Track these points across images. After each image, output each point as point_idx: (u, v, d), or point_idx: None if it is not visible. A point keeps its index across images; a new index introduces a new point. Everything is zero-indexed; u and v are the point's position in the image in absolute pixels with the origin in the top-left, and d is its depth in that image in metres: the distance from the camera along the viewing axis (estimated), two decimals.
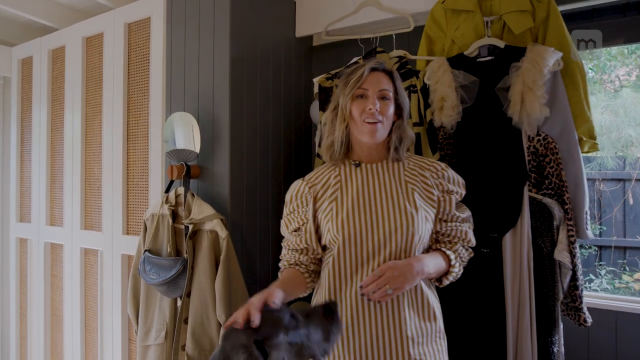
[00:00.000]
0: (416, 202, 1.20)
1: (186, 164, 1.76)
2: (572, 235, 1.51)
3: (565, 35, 1.57)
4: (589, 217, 1.55)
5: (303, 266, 1.27)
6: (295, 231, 1.29)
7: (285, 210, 1.32)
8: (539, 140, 1.56)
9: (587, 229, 1.54)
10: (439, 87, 1.66)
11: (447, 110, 1.63)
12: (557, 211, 1.54)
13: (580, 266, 1.53)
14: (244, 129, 1.85)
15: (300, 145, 2.23)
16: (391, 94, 1.24)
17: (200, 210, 1.67)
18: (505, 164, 1.57)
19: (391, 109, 1.24)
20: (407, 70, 1.78)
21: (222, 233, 1.62)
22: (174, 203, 1.78)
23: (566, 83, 1.56)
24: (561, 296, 1.54)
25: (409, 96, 1.72)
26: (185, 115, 1.79)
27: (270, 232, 2.00)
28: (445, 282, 1.26)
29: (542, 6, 1.58)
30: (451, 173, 1.28)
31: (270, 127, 2.01)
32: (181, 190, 1.77)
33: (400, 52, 1.83)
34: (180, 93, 1.91)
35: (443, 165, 1.28)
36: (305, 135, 2.26)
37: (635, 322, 1.70)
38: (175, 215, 1.77)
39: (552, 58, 1.51)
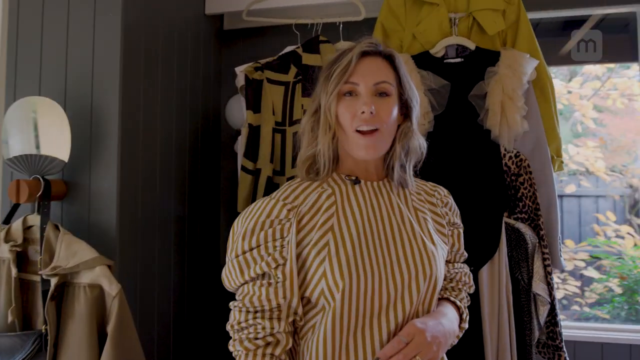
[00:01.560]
0: (432, 236, 0.92)
1: (44, 179, 1.12)
2: (549, 265, 1.35)
3: (535, 41, 1.42)
4: (561, 244, 1.41)
5: (279, 346, 0.82)
6: (259, 279, 0.86)
7: (241, 246, 0.87)
8: (510, 158, 1.37)
9: (561, 256, 1.40)
10: None
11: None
12: (530, 237, 1.36)
13: (557, 299, 1.37)
14: (139, 129, 1.28)
15: (208, 156, 1.71)
16: (393, 88, 0.89)
17: (71, 252, 1.05)
18: (483, 185, 1.34)
19: (394, 109, 0.89)
20: None
21: (112, 288, 1.04)
22: (20, 241, 1.11)
23: (537, 95, 1.40)
24: (537, 334, 1.36)
25: None
26: (44, 104, 1.15)
27: (185, 283, 1.44)
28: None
29: (512, 8, 1.42)
30: (453, 201, 1.02)
31: (173, 129, 1.46)
32: (35, 219, 1.12)
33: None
34: (34, 72, 1.25)
35: (446, 191, 1.02)
36: (213, 141, 1.75)
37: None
38: (23, 261, 1.11)
39: (530, 66, 1.34)
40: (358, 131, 0.86)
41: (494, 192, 1.32)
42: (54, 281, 1.03)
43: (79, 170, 1.20)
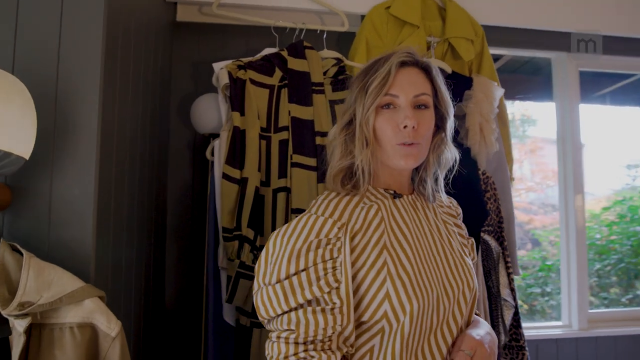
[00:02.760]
0: (464, 250, 0.94)
1: None
2: (512, 272, 1.49)
3: (495, 72, 1.59)
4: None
5: None
6: (309, 305, 0.77)
7: (286, 268, 0.78)
8: (482, 175, 1.48)
9: (517, 264, 1.55)
10: None
11: None
12: (494, 247, 1.49)
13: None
14: (115, 122, 1.02)
15: (165, 161, 1.45)
16: (431, 100, 0.86)
17: (44, 282, 0.76)
18: (466, 199, 1.41)
19: (431, 122, 0.87)
20: (347, 77, 1.42)
21: (110, 327, 0.78)
22: None
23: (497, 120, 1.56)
24: (503, 337, 1.47)
25: None
26: None
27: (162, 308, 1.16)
28: None
29: (478, 40, 1.57)
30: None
31: (138, 126, 1.20)
32: None
33: (336, 54, 1.44)
34: None
35: (455, 201, 1.03)
36: (165, 145, 1.49)
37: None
38: None
39: (499, 93, 1.49)
40: (399, 145, 0.82)
41: (476, 206, 1.41)
42: (21, 324, 0.72)
43: (31, 172, 0.89)
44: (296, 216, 1.26)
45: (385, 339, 0.78)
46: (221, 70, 1.29)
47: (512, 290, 1.48)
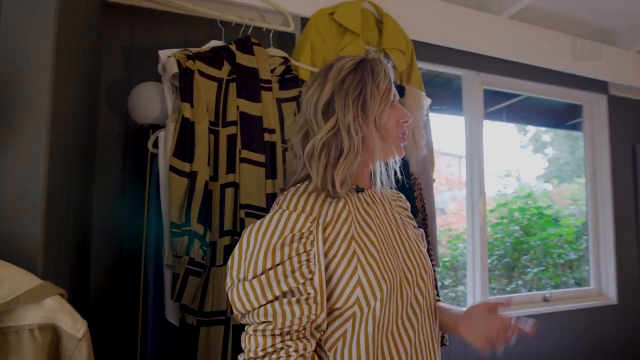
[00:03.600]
0: (417, 238, 1.03)
1: None
2: (434, 265, 1.65)
3: (422, 81, 1.75)
4: None
5: None
6: (285, 296, 0.80)
7: (263, 263, 0.80)
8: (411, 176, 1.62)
9: (438, 258, 1.72)
10: None
11: None
12: None
13: None
14: (61, 94, 0.92)
15: (92, 152, 1.32)
16: None
17: None
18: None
19: None
20: (294, 77, 1.45)
21: (76, 327, 0.71)
22: None
23: None
24: None
25: (299, 109, 1.40)
26: None
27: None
28: None
29: (409, 52, 1.71)
30: None
31: (77, 110, 1.09)
32: None
33: (283, 53, 1.47)
34: None
35: (404, 196, 1.13)
36: (91, 134, 1.36)
37: None
38: None
39: (427, 102, 1.64)
40: (400, 137, 0.95)
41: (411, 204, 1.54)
42: None
43: None
44: (245, 212, 1.27)
45: (357, 324, 0.83)
46: (169, 58, 1.23)
47: (435, 280, 1.63)
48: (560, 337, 2.22)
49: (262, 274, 0.79)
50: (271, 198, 1.32)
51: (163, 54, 1.25)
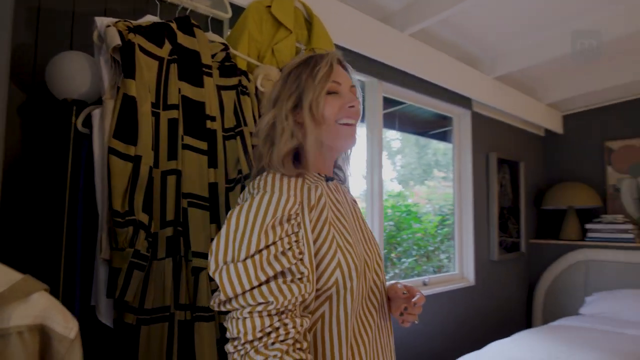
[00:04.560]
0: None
1: None
2: None
3: None
4: None
5: (305, 343, 0.83)
6: (278, 277, 0.82)
7: (256, 244, 0.81)
8: None
9: None
10: None
11: None
12: None
13: None
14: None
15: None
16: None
17: None
18: None
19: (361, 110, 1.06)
20: (234, 65, 1.42)
21: (68, 327, 0.62)
22: None
23: None
24: None
25: (239, 98, 1.39)
26: None
27: None
28: None
29: None
30: None
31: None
32: None
33: (222, 40, 1.42)
34: None
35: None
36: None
37: None
38: None
39: None
40: (344, 123, 0.95)
41: None
42: None
43: None
44: (188, 202, 1.22)
45: (335, 305, 0.88)
46: (109, 28, 1.10)
47: None
48: (436, 314, 2.58)
49: (255, 254, 0.80)
50: (213, 188, 1.27)
51: (101, 22, 1.11)
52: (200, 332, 1.17)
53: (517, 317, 3.36)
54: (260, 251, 0.80)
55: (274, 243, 0.82)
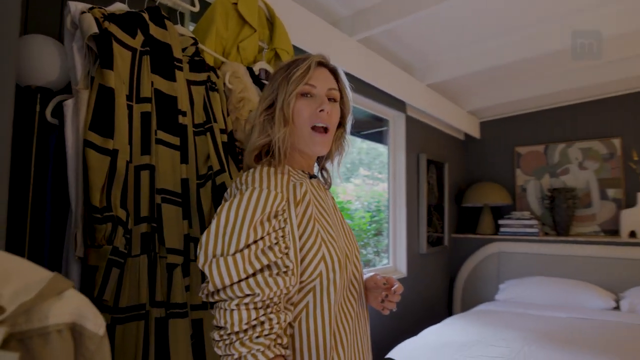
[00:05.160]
0: None
1: None
2: None
3: None
4: None
5: (285, 337, 0.89)
6: (265, 270, 0.86)
7: (246, 238, 0.86)
8: None
9: None
10: (247, 97, 1.48)
11: None
12: None
13: None
14: None
15: None
16: (339, 96, 1.07)
17: (1, 271, 0.53)
18: None
19: (338, 114, 1.09)
20: (203, 60, 1.42)
21: (97, 324, 0.61)
22: None
23: None
24: None
25: (208, 94, 1.40)
26: None
27: None
28: None
29: (290, 55, 1.85)
30: None
31: None
32: None
33: (191, 34, 1.41)
34: None
35: None
36: None
37: None
38: None
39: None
40: (313, 128, 1.00)
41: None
42: None
43: None
44: (162, 198, 1.21)
45: (318, 296, 0.95)
46: (85, 14, 1.05)
47: None
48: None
49: (244, 248, 0.84)
50: (184, 183, 1.26)
51: (74, 6, 1.05)
52: (174, 329, 1.16)
53: (441, 305, 3.67)
54: (249, 246, 0.85)
55: (262, 238, 0.86)
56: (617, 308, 2.85)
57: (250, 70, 1.57)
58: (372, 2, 2.25)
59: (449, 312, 3.78)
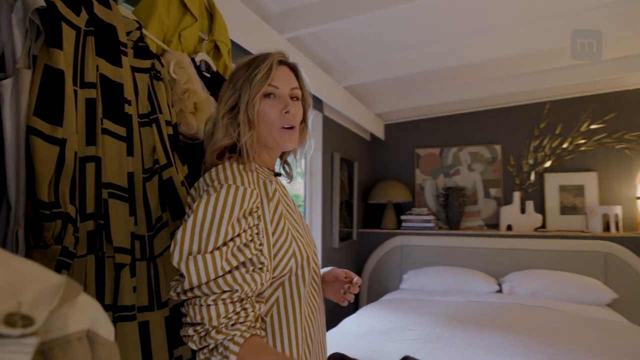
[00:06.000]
0: None
1: None
2: None
3: None
4: None
5: (259, 323, 0.92)
6: (243, 266, 0.88)
7: (224, 234, 0.87)
8: None
9: None
10: (192, 89, 1.43)
11: (204, 117, 1.44)
12: None
13: None
14: None
15: None
16: (300, 94, 1.09)
17: (18, 277, 0.48)
18: None
19: (301, 112, 1.09)
20: (146, 46, 1.33)
21: (109, 330, 0.57)
22: None
23: None
24: None
25: (152, 83, 1.33)
26: None
27: None
28: None
29: (227, 49, 1.81)
30: None
31: None
32: None
33: (133, 17, 1.31)
34: None
35: None
36: None
37: None
38: None
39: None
40: (284, 128, 1.03)
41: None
42: (22, 352, 0.43)
43: None
44: (108, 192, 1.14)
45: (288, 291, 0.99)
46: None
47: None
48: None
49: (223, 245, 0.85)
50: (130, 177, 1.17)
51: None
52: (123, 333, 1.08)
53: None
54: (226, 243, 0.85)
55: (239, 235, 0.88)
56: (500, 291, 3.31)
57: (193, 60, 1.51)
58: (302, 2, 2.29)
59: (355, 303, 4.01)
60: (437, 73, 3.30)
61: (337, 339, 2.01)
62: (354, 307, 3.90)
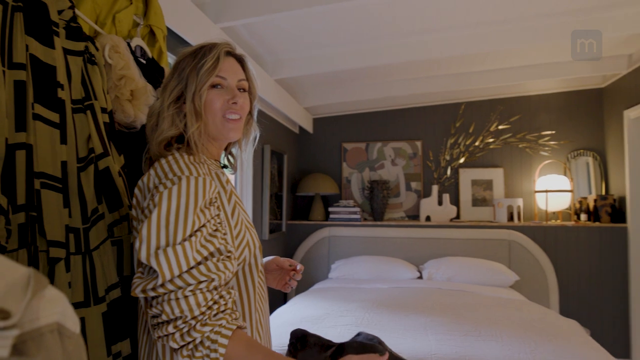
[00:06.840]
0: None
1: None
2: None
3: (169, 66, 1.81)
4: None
5: (237, 313, 0.93)
6: (212, 255, 0.88)
7: (192, 225, 0.86)
8: None
9: None
10: (129, 75, 1.37)
11: (142, 105, 1.38)
12: None
13: None
14: None
15: None
16: (247, 86, 1.10)
17: None
18: None
19: (248, 103, 1.11)
20: (79, 27, 1.25)
21: (75, 322, 0.56)
22: None
23: None
24: None
25: (86, 67, 1.27)
26: None
27: None
28: None
29: (163, 35, 1.74)
30: None
31: None
32: None
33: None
34: None
35: None
36: None
37: None
38: None
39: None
40: (229, 119, 1.04)
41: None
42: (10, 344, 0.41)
43: None
44: (41, 182, 1.09)
45: (242, 280, 1.02)
46: None
47: None
48: None
49: (191, 235, 0.85)
50: (63, 166, 1.10)
51: None
52: None
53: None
54: (194, 233, 0.86)
55: (204, 225, 0.88)
56: (420, 277, 3.56)
57: (128, 45, 1.44)
58: None
59: (284, 293, 4.06)
60: (365, 70, 3.45)
61: (274, 328, 2.05)
62: (282, 296, 3.96)
